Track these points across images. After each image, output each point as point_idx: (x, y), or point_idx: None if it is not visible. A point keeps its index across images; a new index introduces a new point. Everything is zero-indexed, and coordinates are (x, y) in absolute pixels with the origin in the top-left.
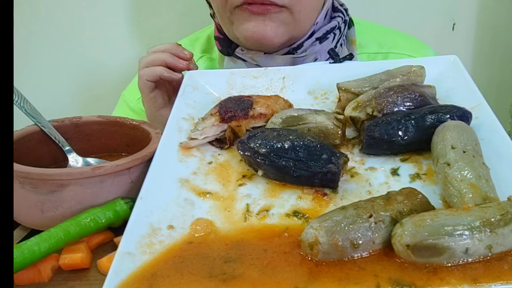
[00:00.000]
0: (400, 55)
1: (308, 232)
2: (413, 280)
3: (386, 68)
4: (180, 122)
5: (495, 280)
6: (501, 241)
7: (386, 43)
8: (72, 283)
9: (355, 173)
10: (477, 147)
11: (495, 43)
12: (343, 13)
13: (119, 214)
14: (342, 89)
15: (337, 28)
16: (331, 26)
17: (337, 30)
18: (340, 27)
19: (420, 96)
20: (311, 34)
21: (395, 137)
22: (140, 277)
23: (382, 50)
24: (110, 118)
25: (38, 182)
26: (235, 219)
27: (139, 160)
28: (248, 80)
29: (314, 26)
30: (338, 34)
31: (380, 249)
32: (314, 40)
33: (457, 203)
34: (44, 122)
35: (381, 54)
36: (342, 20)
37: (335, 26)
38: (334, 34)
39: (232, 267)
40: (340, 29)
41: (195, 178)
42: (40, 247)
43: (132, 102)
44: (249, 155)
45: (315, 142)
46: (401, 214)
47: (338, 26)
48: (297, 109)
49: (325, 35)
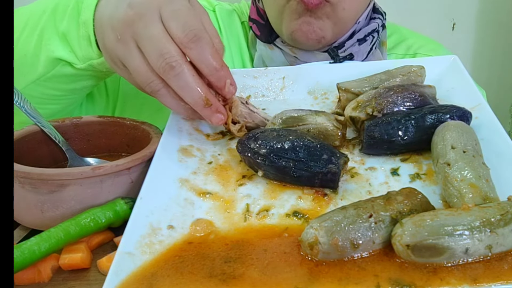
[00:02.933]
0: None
1: (308, 232)
2: (413, 280)
3: (386, 68)
4: (180, 122)
5: (495, 280)
6: (501, 241)
7: (412, 45)
8: (72, 283)
9: (355, 173)
10: (477, 147)
11: (495, 43)
12: (382, 16)
13: (119, 214)
14: (342, 89)
15: (376, 31)
16: (372, 28)
17: (375, 33)
18: (378, 30)
19: (420, 96)
20: (352, 34)
21: (395, 137)
22: (140, 277)
23: (409, 51)
24: (110, 118)
25: (38, 182)
26: (235, 219)
27: (139, 160)
28: (248, 80)
29: (356, 26)
30: (376, 36)
31: (380, 249)
32: (355, 41)
33: (457, 203)
34: (44, 122)
35: (408, 55)
36: (381, 23)
37: (375, 29)
38: (373, 36)
39: (232, 267)
40: (378, 32)
41: (195, 178)
42: (40, 247)
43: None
44: (249, 156)
45: (315, 142)
46: (401, 214)
47: (377, 29)
48: (297, 110)
49: (365, 37)
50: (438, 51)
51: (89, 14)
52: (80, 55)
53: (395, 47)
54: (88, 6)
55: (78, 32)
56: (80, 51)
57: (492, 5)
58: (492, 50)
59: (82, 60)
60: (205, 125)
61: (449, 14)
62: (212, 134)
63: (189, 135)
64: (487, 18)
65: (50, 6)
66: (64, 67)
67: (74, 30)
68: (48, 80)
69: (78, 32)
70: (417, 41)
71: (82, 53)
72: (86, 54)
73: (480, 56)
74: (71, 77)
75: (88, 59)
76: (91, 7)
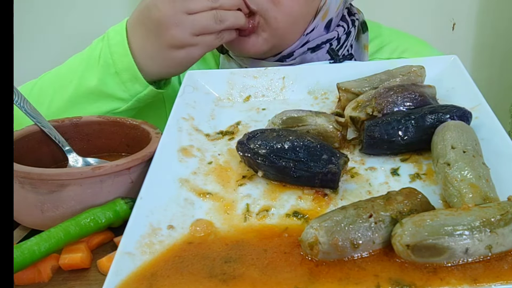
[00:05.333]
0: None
1: (308, 232)
2: (413, 280)
3: (386, 68)
4: (180, 122)
5: (495, 280)
6: (501, 241)
7: (396, 48)
8: (72, 283)
9: (355, 173)
10: (477, 147)
11: (495, 43)
12: (348, 24)
13: (119, 214)
14: (342, 89)
15: (336, 39)
16: (328, 38)
17: (335, 41)
18: (340, 38)
19: (420, 96)
20: (305, 43)
21: (395, 137)
22: (140, 277)
23: (393, 55)
24: (110, 118)
25: (38, 182)
26: (235, 219)
27: (139, 160)
28: (248, 80)
29: (309, 36)
30: (335, 44)
31: (380, 249)
32: (306, 50)
33: (457, 203)
34: (44, 122)
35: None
36: (344, 31)
37: (333, 38)
38: (331, 44)
39: (232, 267)
40: (340, 40)
41: (195, 178)
42: (40, 247)
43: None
44: (249, 156)
45: (315, 143)
46: (401, 214)
47: (337, 37)
48: (298, 110)
49: (319, 45)
50: (424, 53)
51: (127, 60)
52: (125, 97)
53: (378, 51)
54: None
55: (118, 79)
56: (124, 94)
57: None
58: (492, 50)
59: (128, 99)
60: (205, 125)
61: (449, 14)
62: (212, 134)
63: (189, 135)
64: (487, 18)
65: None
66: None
67: (112, 81)
68: None
69: (119, 79)
70: (402, 44)
71: (128, 93)
72: (132, 92)
73: (480, 56)
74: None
75: (135, 95)
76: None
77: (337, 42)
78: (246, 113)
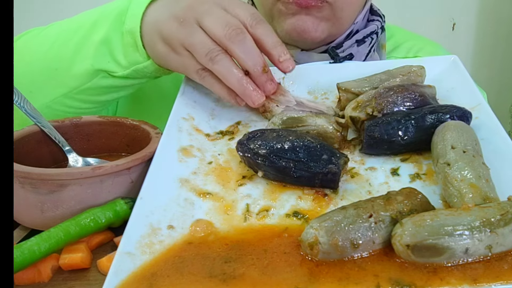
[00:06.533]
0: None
1: (308, 232)
2: (413, 280)
3: (386, 68)
4: (180, 122)
5: (495, 280)
6: (501, 241)
7: (411, 47)
8: (72, 283)
9: (355, 173)
10: (477, 147)
11: (495, 44)
12: (381, 18)
13: (119, 214)
14: (342, 89)
15: (375, 33)
16: (371, 30)
17: (374, 35)
18: (377, 32)
19: (420, 96)
20: (350, 34)
21: (395, 137)
22: (140, 277)
23: (409, 54)
24: (110, 118)
25: (38, 182)
26: (235, 220)
27: (139, 160)
28: None
29: (353, 26)
30: (375, 38)
31: (380, 249)
32: (354, 42)
33: (457, 203)
34: (44, 122)
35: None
36: (380, 25)
37: (374, 31)
38: (372, 38)
39: (232, 267)
40: (377, 34)
41: (195, 178)
42: (40, 247)
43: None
44: (249, 156)
45: (315, 143)
46: (401, 214)
47: (376, 31)
48: (298, 110)
49: (364, 38)
50: (437, 53)
51: (135, 22)
52: (124, 63)
53: (394, 50)
54: (132, 16)
55: (122, 40)
56: (124, 58)
57: (492, 5)
58: (492, 50)
59: (126, 67)
60: (205, 125)
61: (449, 14)
62: (212, 134)
63: (189, 135)
64: (487, 18)
65: (88, 22)
66: (102, 79)
67: (117, 40)
68: (80, 92)
69: (122, 40)
70: (416, 44)
71: (127, 59)
72: (131, 60)
73: (480, 56)
74: (106, 88)
75: (134, 64)
76: (136, 17)
77: (376, 36)
78: (246, 113)
